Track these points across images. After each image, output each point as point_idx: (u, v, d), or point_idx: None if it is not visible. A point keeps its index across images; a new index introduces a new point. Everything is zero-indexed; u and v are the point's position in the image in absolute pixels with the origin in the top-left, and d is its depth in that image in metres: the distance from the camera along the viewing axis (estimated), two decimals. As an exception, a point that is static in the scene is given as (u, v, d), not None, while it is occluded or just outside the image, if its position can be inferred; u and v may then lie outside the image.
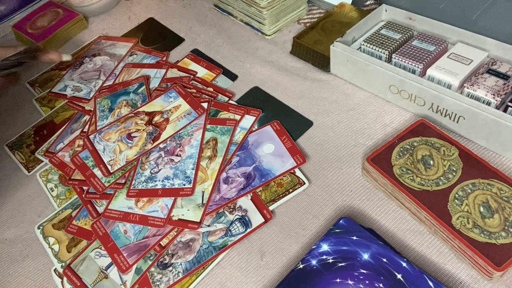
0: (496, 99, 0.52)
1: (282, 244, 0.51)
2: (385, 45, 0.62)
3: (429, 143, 0.52)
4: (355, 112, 0.62)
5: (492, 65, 0.55)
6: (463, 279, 0.44)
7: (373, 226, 0.50)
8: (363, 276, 0.43)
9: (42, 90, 0.80)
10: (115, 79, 0.77)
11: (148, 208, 0.55)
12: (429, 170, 0.50)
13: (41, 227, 0.58)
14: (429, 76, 0.57)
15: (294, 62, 0.73)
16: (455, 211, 0.46)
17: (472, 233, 0.44)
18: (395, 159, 0.52)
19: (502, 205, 0.46)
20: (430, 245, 0.47)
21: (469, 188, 0.47)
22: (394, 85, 0.59)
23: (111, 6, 0.98)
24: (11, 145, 0.71)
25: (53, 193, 0.62)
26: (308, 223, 0.52)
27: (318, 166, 0.57)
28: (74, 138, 0.68)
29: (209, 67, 0.75)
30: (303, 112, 0.64)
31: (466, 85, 0.54)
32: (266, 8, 0.75)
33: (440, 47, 0.59)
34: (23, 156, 0.68)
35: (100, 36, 0.89)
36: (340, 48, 0.64)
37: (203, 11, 0.90)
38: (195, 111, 0.65)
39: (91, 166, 0.61)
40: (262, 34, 0.80)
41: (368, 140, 0.58)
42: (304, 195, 0.55)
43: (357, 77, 0.64)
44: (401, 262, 0.43)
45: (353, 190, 0.54)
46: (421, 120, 0.55)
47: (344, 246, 0.46)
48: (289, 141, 0.59)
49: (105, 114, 0.69)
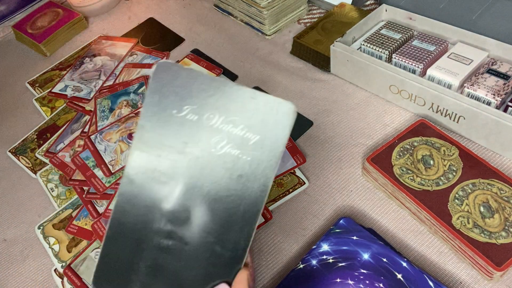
0: (496, 99, 0.52)
1: (282, 244, 0.51)
2: (385, 45, 0.62)
3: (429, 143, 0.52)
4: (355, 112, 0.62)
5: (492, 65, 0.55)
6: (463, 279, 0.44)
7: (373, 226, 0.50)
8: (363, 276, 0.43)
9: (42, 90, 0.80)
10: (116, 79, 0.77)
11: (148, 208, 0.55)
12: (429, 170, 0.50)
13: (42, 227, 0.58)
14: (429, 76, 0.57)
15: (294, 62, 0.73)
16: (455, 211, 0.46)
17: (472, 233, 0.44)
18: (395, 159, 0.52)
19: (502, 205, 0.46)
20: (430, 245, 0.47)
21: (469, 188, 0.48)
22: (394, 85, 0.59)
23: (111, 6, 0.98)
24: (14, 151, 0.71)
25: (54, 193, 0.62)
26: (308, 223, 0.52)
27: (318, 166, 0.57)
28: (75, 138, 0.68)
29: (209, 67, 0.75)
30: (303, 112, 0.64)
31: (466, 85, 0.54)
32: (266, 8, 0.75)
33: (440, 47, 0.59)
34: (28, 160, 0.68)
35: (100, 36, 0.89)
36: (340, 48, 0.64)
37: (203, 11, 0.90)
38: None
39: (92, 167, 0.61)
40: (262, 34, 0.80)
41: (368, 140, 0.58)
42: (304, 195, 0.55)
43: (357, 77, 0.64)
44: (401, 262, 0.43)
45: (353, 190, 0.54)
46: (421, 120, 0.55)
47: (344, 246, 0.46)
48: (289, 141, 0.59)
49: (105, 114, 0.69)
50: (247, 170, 0.28)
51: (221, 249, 0.28)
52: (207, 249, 0.28)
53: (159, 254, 0.28)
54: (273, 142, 0.28)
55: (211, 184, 0.28)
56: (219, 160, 0.28)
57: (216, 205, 0.28)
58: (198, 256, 0.28)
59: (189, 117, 0.27)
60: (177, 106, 0.27)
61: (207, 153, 0.28)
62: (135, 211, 0.28)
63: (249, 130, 0.27)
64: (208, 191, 0.28)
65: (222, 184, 0.28)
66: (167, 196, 0.28)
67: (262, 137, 0.27)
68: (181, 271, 0.28)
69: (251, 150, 0.28)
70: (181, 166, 0.28)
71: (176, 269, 0.28)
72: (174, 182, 0.28)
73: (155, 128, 0.28)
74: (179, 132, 0.27)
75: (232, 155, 0.28)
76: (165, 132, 0.27)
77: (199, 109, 0.27)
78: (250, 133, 0.27)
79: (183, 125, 0.27)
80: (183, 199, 0.28)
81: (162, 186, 0.28)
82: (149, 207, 0.28)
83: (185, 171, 0.28)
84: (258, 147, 0.27)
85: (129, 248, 0.28)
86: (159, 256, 0.28)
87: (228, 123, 0.27)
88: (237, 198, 0.28)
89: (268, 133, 0.27)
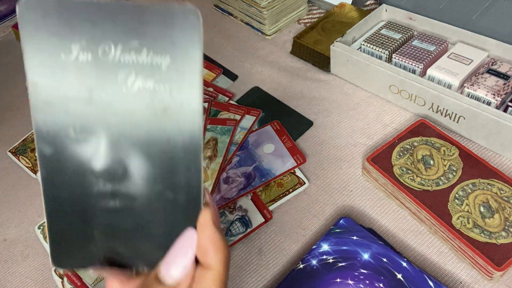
0: (496, 99, 0.52)
1: (282, 244, 0.51)
2: (385, 45, 0.62)
3: (429, 143, 0.52)
4: (355, 112, 0.62)
5: (492, 65, 0.55)
6: (463, 279, 0.44)
7: (373, 226, 0.50)
8: (363, 276, 0.43)
9: (42, 90, 0.80)
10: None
11: (148, 208, 0.55)
12: (429, 170, 0.50)
13: (42, 227, 0.58)
14: (429, 76, 0.57)
15: (294, 62, 0.73)
16: (455, 211, 0.46)
17: (472, 233, 0.44)
18: (395, 159, 0.52)
19: (502, 205, 0.46)
20: (430, 245, 0.47)
21: (469, 188, 0.48)
22: (394, 85, 0.59)
23: (111, 6, 0.98)
24: (14, 151, 0.71)
25: (54, 193, 0.62)
26: (308, 223, 0.52)
27: (318, 166, 0.57)
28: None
29: (209, 67, 0.75)
30: (303, 112, 0.64)
31: (466, 85, 0.54)
32: (266, 8, 0.75)
33: (440, 47, 0.59)
34: (28, 160, 0.68)
35: (100, 36, 0.89)
36: (340, 48, 0.64)
37: (203, 11, 0.90)
38: (195, 111, 0.65)
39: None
40: (262, 34, 0.80)
41: (368, 140, 0.58)
42: (304, 195, 0.55)
43: (357, 77, 0.64)
44: (401, 262, 0.43)
45: (353, 190, 0.54)
46: (421, 120, 0.55)
47: (344, 246, 0.46)
48: (289, 141, 0.59)
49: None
50: (169, 100, 0.24)
51: (173, 194, 0.25)
52: (159, 199, 0.25)
53: (111, 217, 0.25)
54: (187, 59, 0.24)
55: (136, 128, 0.24)
56: (136, 99, 0.24)
57: (151, 149, 0.25)
58: (152, 209, 0.25)
59: (81, 58, 0.23)
60: (62, 48, 0.23)
61: (119, 95, 0.24)
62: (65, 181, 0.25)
63: (155, 53, 0.23)
64: (136, 137, 0.24)
65: (148, 124, 0.24)
66: (93, 155, 0.24)
67: (173, 57, 0.23)
68: (140, 228, 0.26)
69: (165, 76, 0.24)
70: (96, 117, 0.24)
71: (134, 227, 0.26)
72: (94, 137, 0.24)
73: (50, 82, 0.23)
74: (78, 79, 0.23)
75: (147, 88, 0.24)
76: (63, 83, 0.23)
77: (89, 44, 0.23)
78: (158, 56, 0.23)
79: (80, 69, 0.23)
80: (112, 153, 0.24)
81: (83, 146, 0.24)
82: (78, 173, 0.25)
83: (102, 122, 0.24)
84: (172, 70, 0.24)
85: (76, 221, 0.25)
86: (111, 219, 0.25)
87: (128, 51, 0.23)
88: (171, 135, 0.24)
89: (178, 50, 0.23)
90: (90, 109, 0.24)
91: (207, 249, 0.25)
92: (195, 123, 0.25)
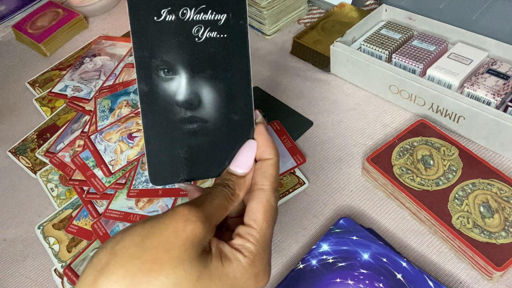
0: (496, 99, 0.52)
1: (282, 244, 0.51)
2: (385, 45, 0.62)
3: (429, 143, 0.52)
4: (355, 112, 0.62)
5: (492, 65, 0.55)
6: (463, 279, 0.44)
7: (373, 226, 0.50)
8: (363, 276, 0.43)
9: (42, 90, 0.80)
10: (115, 79, 0.77)
11: (148, 208, 0.55)
12: (429, 170, 0.50)
13: (41, 227, 0.58)
14: (429, 76, 0.57)
15: (294, 62, 0.73)
16: (455, 211, 0.46)
17: (472, 233, 0.44)
18: (395, 159, 0.52)
19: (502, 205, 0.46)
20: (430, 245, 0.47)
21: (469, 188, 0.48)
22: (394, 85, 0.59)
23: (111, 6, 0.98)
24: (14, 151, 0.71)
25: (53, 193, 0.62)
26: (308, 223, 0.52)
27: (318, 166, 0.57)
28: (75, 138, 0.68)
29: (209, 67, 0.75)
30: (303, 112, 0.64)
31: (466, 85, 0.54)
32: (266, 8, 0.75)
33: (440, 47, 0.59)
34: (28, 160, 0.68)
35: (100, 36, 0.89)
36: (340, 48, 0.64)
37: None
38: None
39: (92, 167, 0.61)
40: (262, 34, 0.80)
41: (368, 140, 0.58)
42: (304, 195, 0.55)
43: (357, 77, 0.65)
44: (401, 262, 0.43)
45: (353, 190, 0.54)
46: (421, 120, 0.55)
47: (344, 246, 0.46)
48: (289, 141, 0.59)
49: (105, 114, 0.69)
50: (229, 44, 0.33)
51: (235, 115, 0.34)
52: (225, 120, 0.34)
53: (190, 139, 0.33)
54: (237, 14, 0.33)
55: (206, 67, 0.33)
56: (206, 45, 0.33)
57: (216, 82, 0.33)
58: (221, 128, 0.33)
59: (168, 19, 0.32)
60: (155, 13, 0.32)
61: (193, 43, 0.33)
62: (158, 111, 0.33)
63: (217, 12, 0.32)
64: (207, 74, 0.33)
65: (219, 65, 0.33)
66: (178, 90, 0.33)
67: (228, 14, 0.32)
68: (212, 145, 0.34)
69: (224, 27, 0.33)
70: (179, 62, 0.33)
71: (207, 144, 0.34)
72: (178, 76, 0.33)
73: (149, 39, 0.32)
74: (168, 32, 0.32)
75: (213, 38, 0.33)
76: (158, 38, 0.32)
77: (173, 9, 0.32)
78: (218, 14, 0.32)
79: (168, 26, 0.32)
80: (191, 88, 0.33)
81: (171, 84, 0.33)
82: (167, 104, 0.33)
83: (184, 64, 0.33)
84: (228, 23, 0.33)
85: (166, 144, 0.33)
86: (190, 141, 0.33)
87: (199, 12, 0.32)
88: (228, 71, 0.33)
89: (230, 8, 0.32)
90: (175, 55, 0.32)
91: (265, 146, 0.33)
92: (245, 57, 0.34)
